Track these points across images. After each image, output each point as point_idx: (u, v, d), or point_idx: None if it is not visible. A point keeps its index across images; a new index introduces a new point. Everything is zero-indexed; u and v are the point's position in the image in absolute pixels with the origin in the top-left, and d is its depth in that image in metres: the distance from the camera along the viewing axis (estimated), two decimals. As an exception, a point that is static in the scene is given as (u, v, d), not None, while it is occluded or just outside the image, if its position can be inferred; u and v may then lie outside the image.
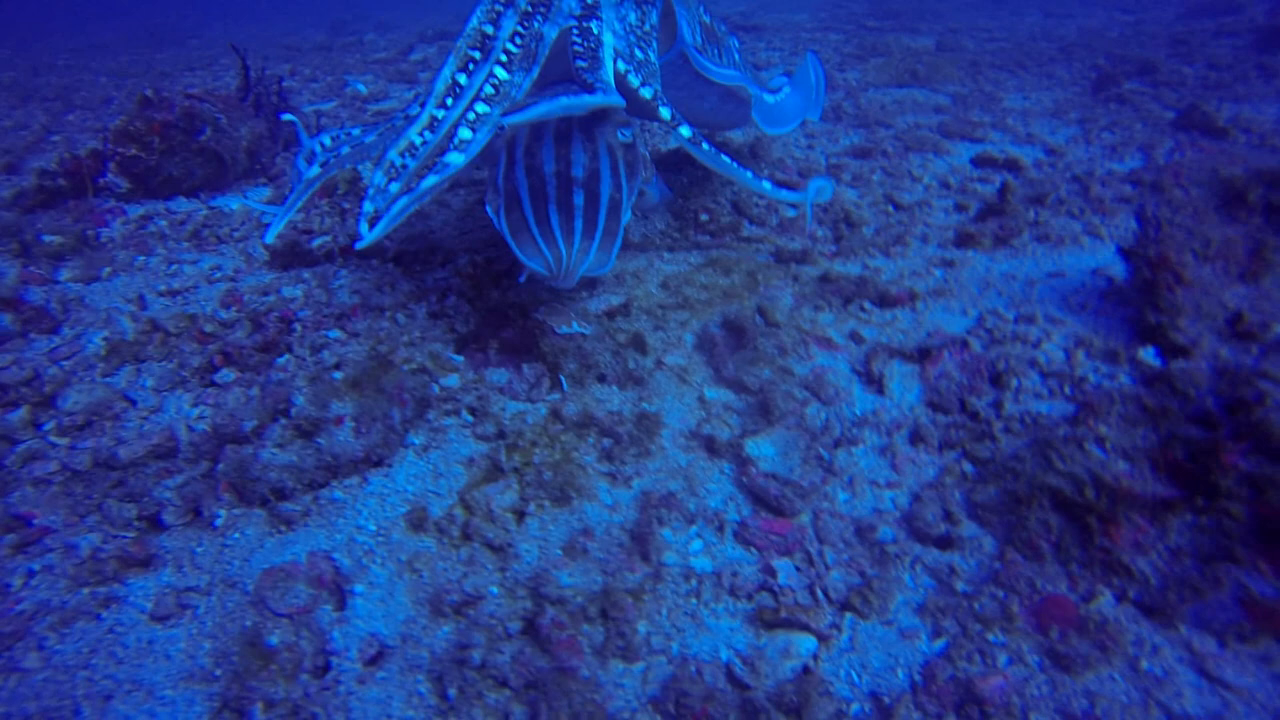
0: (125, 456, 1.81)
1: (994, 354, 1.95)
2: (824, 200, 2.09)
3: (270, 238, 2.10)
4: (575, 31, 2.10)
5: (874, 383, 1.95)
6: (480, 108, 1.99)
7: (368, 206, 2.02)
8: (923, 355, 1.97)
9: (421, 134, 2.04)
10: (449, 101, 2.07)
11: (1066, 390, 1.81)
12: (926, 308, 2.30)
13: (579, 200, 2.03)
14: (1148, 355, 1.81)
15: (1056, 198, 3.29)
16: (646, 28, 2.34)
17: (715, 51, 2.79)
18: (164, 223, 3.34)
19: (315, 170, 2.16)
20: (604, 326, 2.17)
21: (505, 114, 1.79)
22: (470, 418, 1.89)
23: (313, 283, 2.61)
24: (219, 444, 1.85)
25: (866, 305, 2.30)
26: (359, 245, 1.75)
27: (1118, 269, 2.38)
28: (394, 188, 1.99)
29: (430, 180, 1.78)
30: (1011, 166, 3.90)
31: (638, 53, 2.26)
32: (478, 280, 2.03)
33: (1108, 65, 7.08)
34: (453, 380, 1.97)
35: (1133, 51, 7.66)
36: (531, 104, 1.76)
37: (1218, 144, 4.00)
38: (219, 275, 2.76)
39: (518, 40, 2.12)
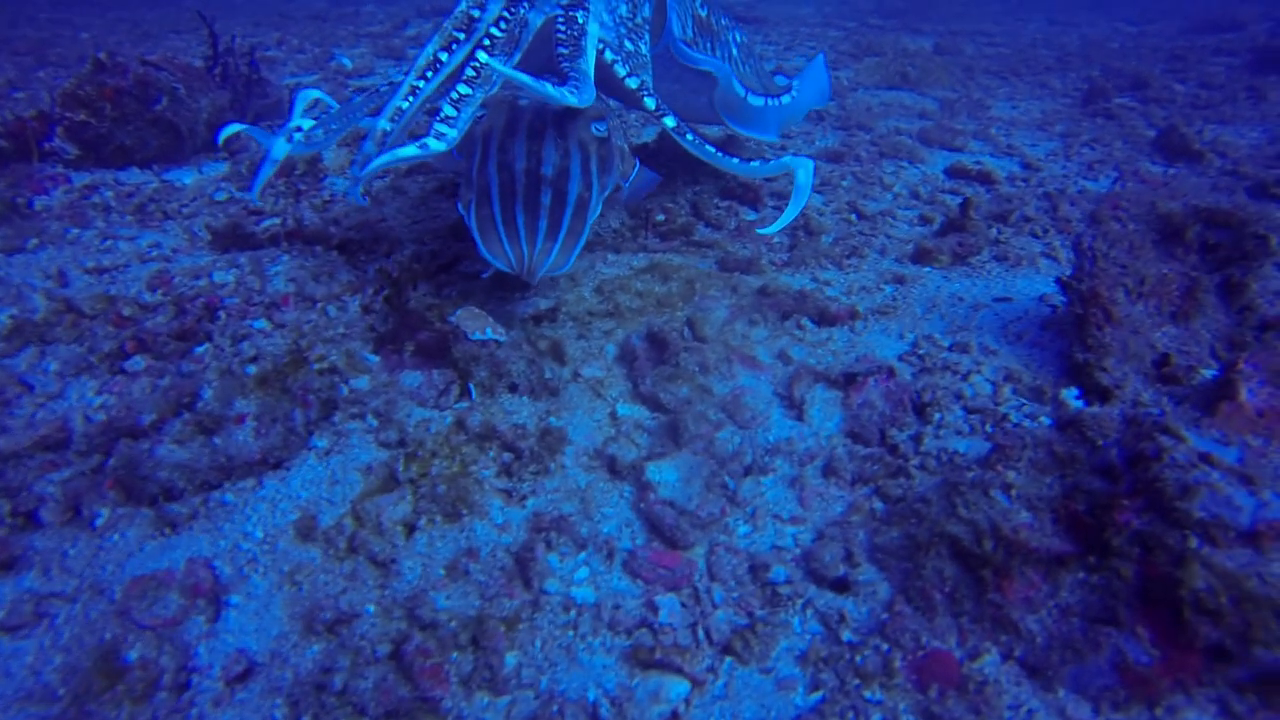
0: (5, 447, 1.73)
1: (921, 384, 1.88)
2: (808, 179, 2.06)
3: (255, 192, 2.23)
4: (560, 20, 2.12)
5: (795, 407, 1.88)
6: (462, 88, 1.99)
7: (354, 171, 2.10)
8: (848, 381, 1.89)
9: (406, 98, 2.08)
10: (429, 75, 2.09)
11: (987, 428, 1.74)
12: (865, 328, 2.23)
13: (546, 199, 2.04)
14: (1069, 396, 1.74)
15: (1021, 215, 3.21)
16: (638, 20, 2.33)
17: (708, 45, 2.71)
18: (110, 194, 3.24)
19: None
20: (525, 332, 2.09)
21: (494, 61, 1.85)
22: (375, 422, 1.81)
23: (247, 268, 2.52)
24: (113, 438, 1.78)
25: (804, 322, 2.23)
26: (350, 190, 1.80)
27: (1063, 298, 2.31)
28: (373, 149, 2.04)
29: (409, 150, 1.81)
30: (984, 179, 3.81)
31: (627, 44, 2.25)
32: (398, 281, 1.95)
33: (1101, 78, 6.98)
34: (363, 382, 1.90)
35: (1129, 65, 7.55)
36: (520, 72, 1.81)
37: (1176, 170, 3.92)
38: (154, 254, 2.67)
39: (502, 25, 2.12)
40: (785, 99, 3.04)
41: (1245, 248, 1.87)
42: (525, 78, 1.81)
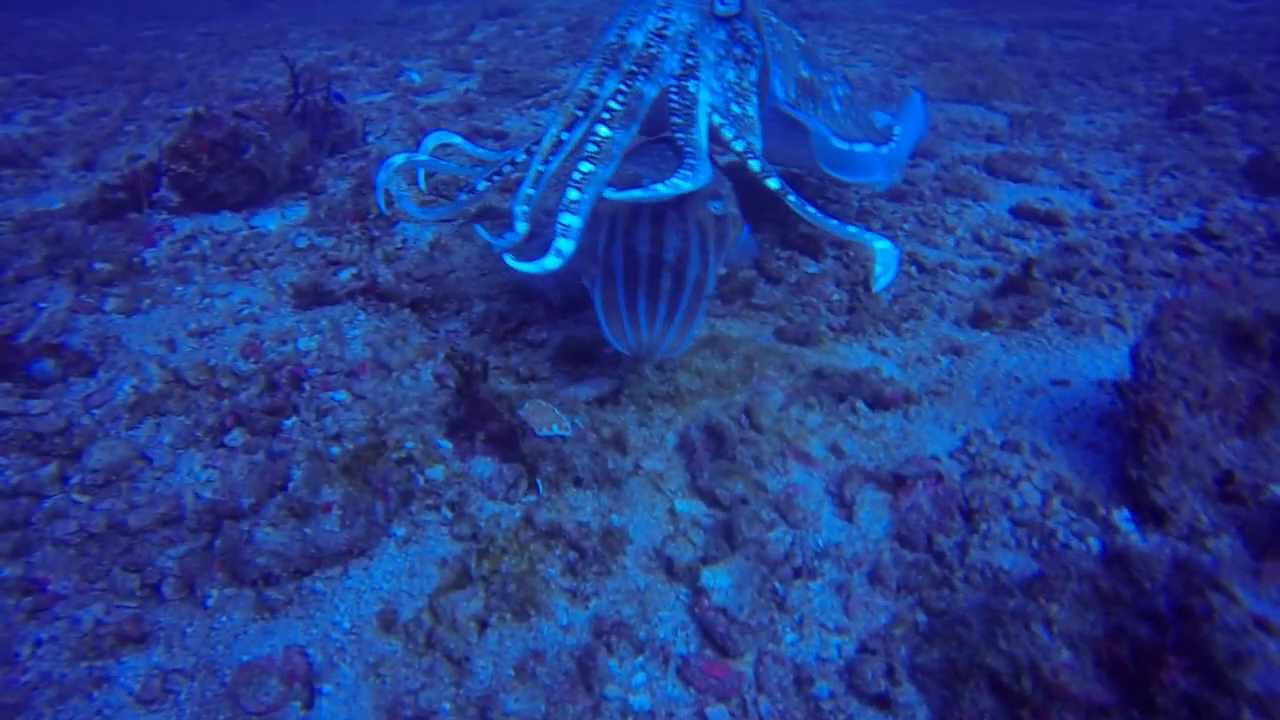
0: (134, 524, 1.94)
1: (970, 489, 1.92)
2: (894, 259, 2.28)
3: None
4: (674, 89, 2.26)
5: (845, 507, 1.94)
6: (585, 166, 2.13)
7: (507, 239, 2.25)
8: (897, 483, 1.94)
9: (533, 185, 2.24)
10: (552, 157, 2.24)
11: (1034, 543, 1.77)
12: (919, 414, 2.26)
13: (666, 284, 2.17)
14: (1121, 519, 1.75)
15: (1088, 271, 3.15)
16: (745, 84, 2.46)
17: (811, 104, 2.82)
18: (206, 243, 3.47)
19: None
20: (589, 418, 2.20)
21: (609, 191, 2.00)
22: (449, 514, 1.96)
23: (328, 334, 2.70)
24: (219, 518, 1.97)
25: (859, 406, 2.28)
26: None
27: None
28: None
29: (565, 245, 1.98)
30: (1052, 221, 3.73)
31: (734, 108, 2.36)
32: (469, 374, 2.08)
33: (1192, 80, 6.62)
34: (437, 472, 2.04)
35: (1227, 60, 7.13)
36: (630, 189, 1.97)
37: (1269, 206, 3.74)
38: (246, 313, 2.88)
39: (619, 98, 2.24)
40: (885, 149, 3.12)
41: (1317, 359, 1.84)
42: (638, 193, 1.97)
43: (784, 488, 1.98)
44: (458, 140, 2.99)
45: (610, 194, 2.00)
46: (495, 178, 2.47)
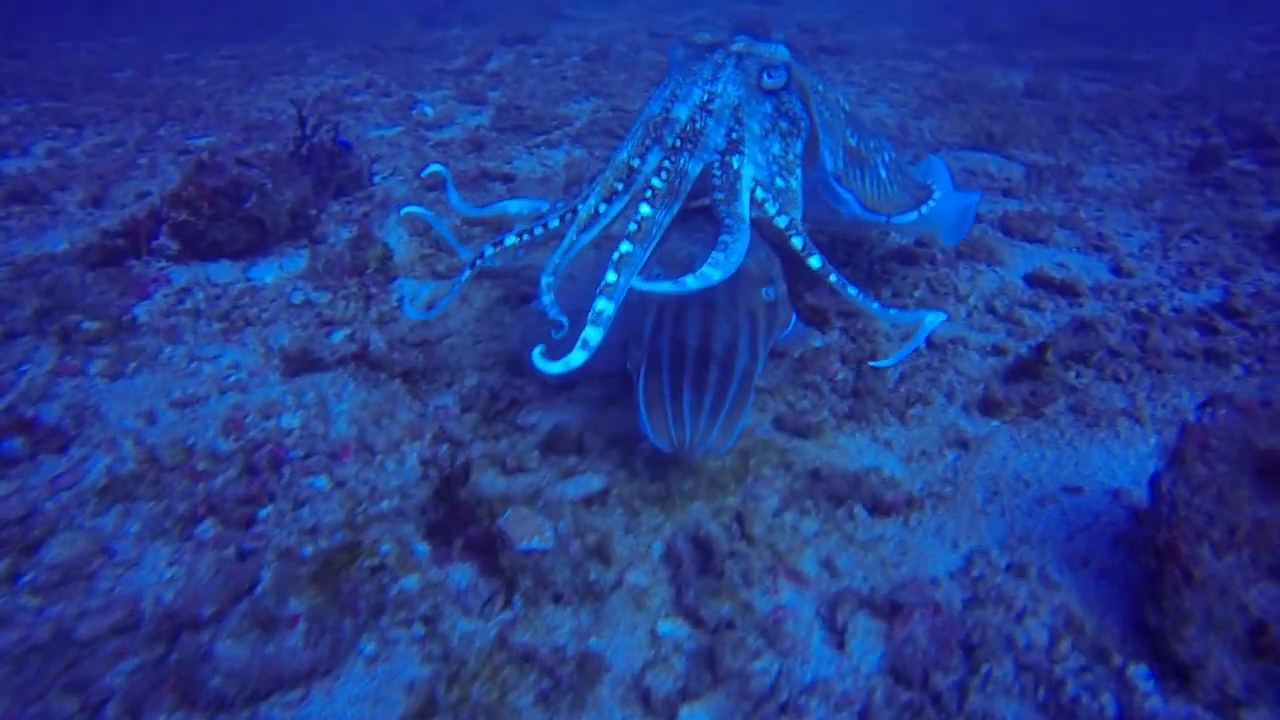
0: (85, 633, 1.85)
1: (971, 620, 1.79)
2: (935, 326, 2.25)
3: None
4: (717, 165, 2.23)
5: (836, 634, 1.81)
6: (625, 247, 2.08)
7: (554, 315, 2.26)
8: (893, 611, 1.82)
9: (565, 254, 2.23)
10: (590, 228, 2.24)
11: (1040, 693, 1.64)
12: (920, 523, 2.13)
13: (713, 377, 2.12)
14: (1139, 676, 1.62)
15: (1106, 352, 3.01)
16: (790, 157, 2.41)
17: (859, 172, 2.77)
18: (201, 296, 3.41)
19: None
20: (574, 521, 2.09)
21: (636, 281, 1.98)
22: (421, 630, 1.85)
23: (313, 409, 2.61)
24: (177, 627, 1.87)
25: (857, 512, 2.15)
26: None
27: (1142, 492, 2.15)
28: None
29: (594, 334, 1.92)
30: (1068, 291, 3.59)
31: (779, 181, 2.31)
32: (449, 477, 1.98)
33: (1215, 130, 6.48)
34: (412, 582, 1.93)
35: (1251, 109, 6.97)
36: (657, 281, 1.96)
37: (1260, 396, 3.58)
38: (232, 380, 2.80)
39: (663, 175, 2.19)
40: (925, 208, 3.04)
41: (1352, 499, 1.70)
42: (666, 285, 1.93)
43: (773, 610, 1.86)
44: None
45: (638, 284, 1.95)
46: (524, 236, 2.42)
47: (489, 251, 2.46)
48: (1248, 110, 6.87)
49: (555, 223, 2.39)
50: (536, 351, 1.86)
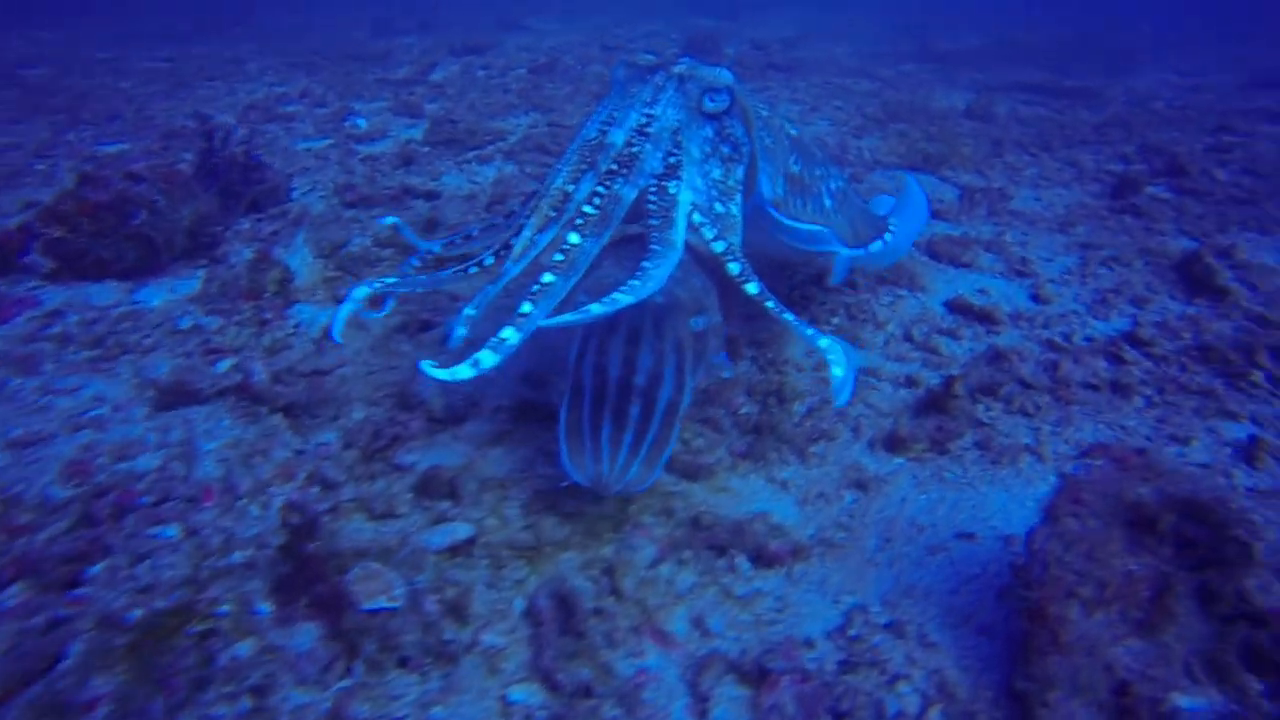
0: None
1: (842, 687, 1.67)
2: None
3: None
4: (653, 190, 2.14)
5: (700, 702, 1.69)
6: (546, 277, 1.96)
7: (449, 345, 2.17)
8: (760, 677, 1.70)
9: (494, 283, 2.12)
10: (523, 259, 2.11)
11: (904, 770, 1.53)
12: (804, 575, 2.02)
13: (635, 412, 2.03)
14: (1000, 749, 1.52)
15: (1017, 384, 2.95)
16: (730, 183, 2.32)
17: (800, 202, 2.67)
18: (74, 320, 3.18)
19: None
20: (435, 575, 1.94)
21: (543, 316, 1.87)
22: (248, 704, 1.67)
23: (177, 448, 2.42)
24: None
25: (738, 563, 2.03)
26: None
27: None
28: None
29: (489, 358, 1.79)
30: (986, 319, 3.54)
31: (717, 206, 2.23)
32: (297, 529, 1.82)
33: (1136, 158, 6.60)
34: (245, 648, 1.75)
35: (1169, 139, 7.13)
36: (565, 313, 1.86)
37: (1196, 310, 3.58)
38: (90, 416, 2.59)
39: (595, 202, 2.10)
40: (876, 246, 2.97)
41: (1225, 553, 1.63)
42: (570, 317, 1.85)
43: (634, 674, 1.73)
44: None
45: (542, 320, 1.85)
46: (459, 275, 2.29)
47: (446, 274, 2.34)
48: (1165, 139, 7.03)
49: (490, 260, 2.25)
50: (428, 363, 1.76)
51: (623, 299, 1.89)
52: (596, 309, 1.86)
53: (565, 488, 2.10)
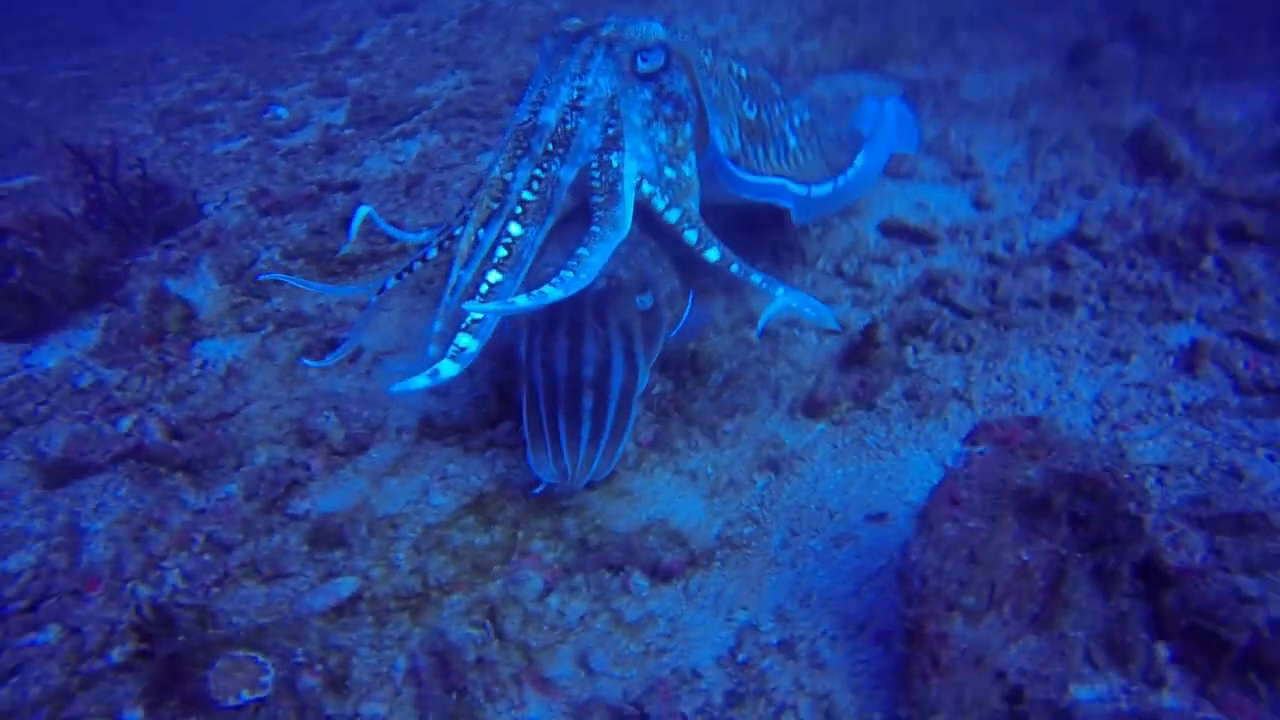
0: None
1: (728, 721, 1.55)
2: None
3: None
4: (595, 166, 2.04)
5: (585, 755, 1.58)
6: (493, 276, 1.94)
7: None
8: (644, 721, 1.58)
9: (451, 292, 2.04)
10: (472, 261, 2.04)
11: (790, 813, 1.41)
12: (701, 588, 1.88)
13: (588, 404, 1.99)
14: (884, 786, 1.39)
15: (946, 322, 2.71)
16: (679, 143, 2.18)
17: (760, 148, 2.47)
18: (-36, 396, 3.04)
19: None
20: (318, 641, 1.82)
21: (468, 304, 1.81)
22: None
23: (58, 536, 2.30)
24: None
25: (633, 582, 1.89)
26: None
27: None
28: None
29: (449, 368, 1.81)
30: (923, 239, 3.27)
31: (668, 171, 2.13)
32: (149, 629, 1.70)
33: (1097, 15, 6.06)
34: (108, 765, 1.67)
35: (1136, -19, 6.52)
36: (500, 301, 1.82)
37: (1146, 194, 3.27)
38: (-34, 509, 2.47)
39: (534, 186, 2.03)
40: (843, 178, 2.74)
41: (1117, 530, 1.45)
42: (494, 306, 1.79)
43: (516, 732, 1.62)
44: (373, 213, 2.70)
45: (470, 307, 1.78)
46: (404, 275, 2.22)
47: (390, 284, 2.28)
48: (1133, -16, 6.44)
49: (433, 253, 2.18)
50: (394, 385, 1.80)
51: (552, 293, 1.78)
52: (523, 302, 1.76)
53: (538, 494, 2.06)
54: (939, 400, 2.37)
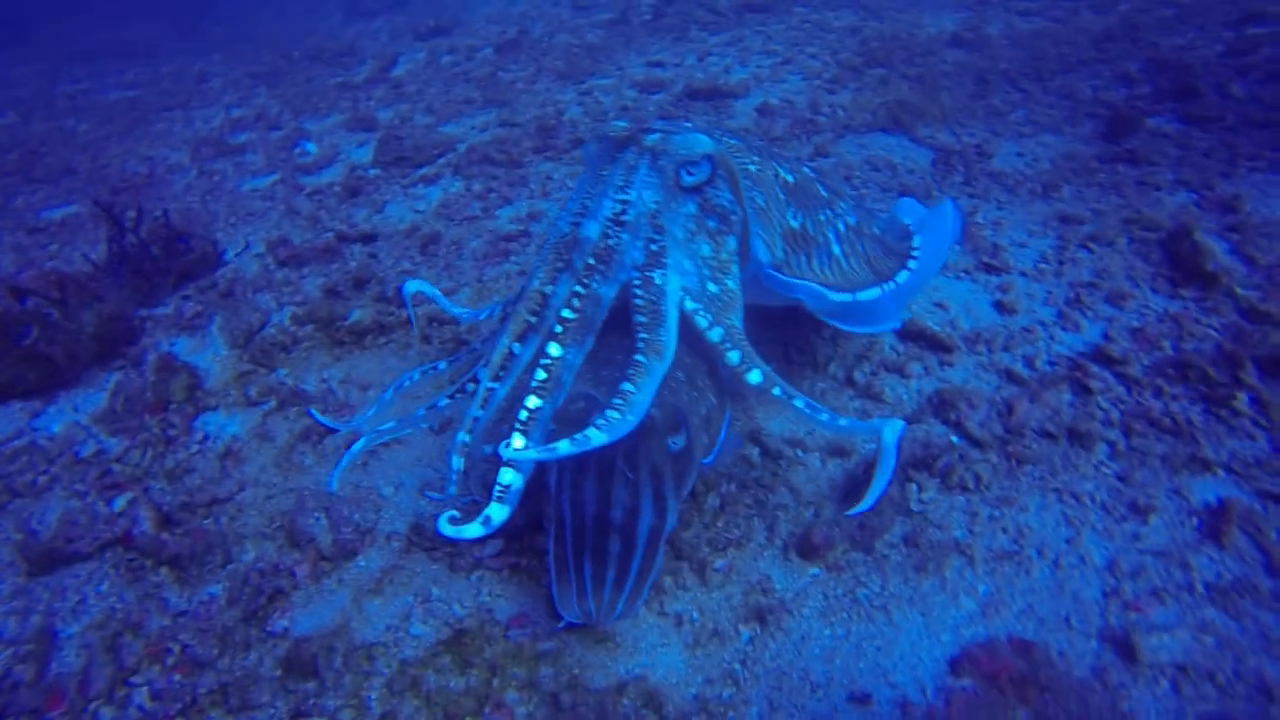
0: None
1: None
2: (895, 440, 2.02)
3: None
4: (637, 283, 1.98)
5: None
6: (532, 401, 1.89)
7: (452, 490, 2.18)
8: None
9: (482, 405, 2.04)
10: (502, 374, 2.03)
11: None
12: (672, 769, 1.78)
13: (615, 548, 1.95)
14: None
15: (954, 456, 2.57)
16: (724, 256, 2.13)
17: (804, 258, 2.39)
18: (-32, 461, 3.05)
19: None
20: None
21: (507, 450, 1.77)
22: None
23: (29, 642, 2.27)
24: None
25: (603, 753, 1.80)
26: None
27: (935, 700, 1.77)
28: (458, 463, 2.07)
29: (499, 512, 1.81)
30: (940, 347, 3.13)
31: (710, 286, 2.07)
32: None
33: (1140, 77, 5.83)
34: None
35: (1181, 46, 6.29)
36: (540, 447, 1.74)
37: (1178, 308, 3.08)
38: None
39: (575, 304, 1.98)
40: (902, 276, 2.57)
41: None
42: (534, 453, 1.70)
43: None
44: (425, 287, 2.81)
45: (509, 453, 1.73)
46: (457, 396, 2.26)
47: (420, 413, 2.34)
48: (1178, 45, 6.20)
49: (484, 373, 2.12)
50: (444, 522, 1.80)
51: (597, 437, 1.71)
52: (566, 448, 1.69)
53: (562, 629, 2.03)
54: (939, 552, 2.24)
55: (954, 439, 2.67)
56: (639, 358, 1.87)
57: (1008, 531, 2.29)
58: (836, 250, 2.52)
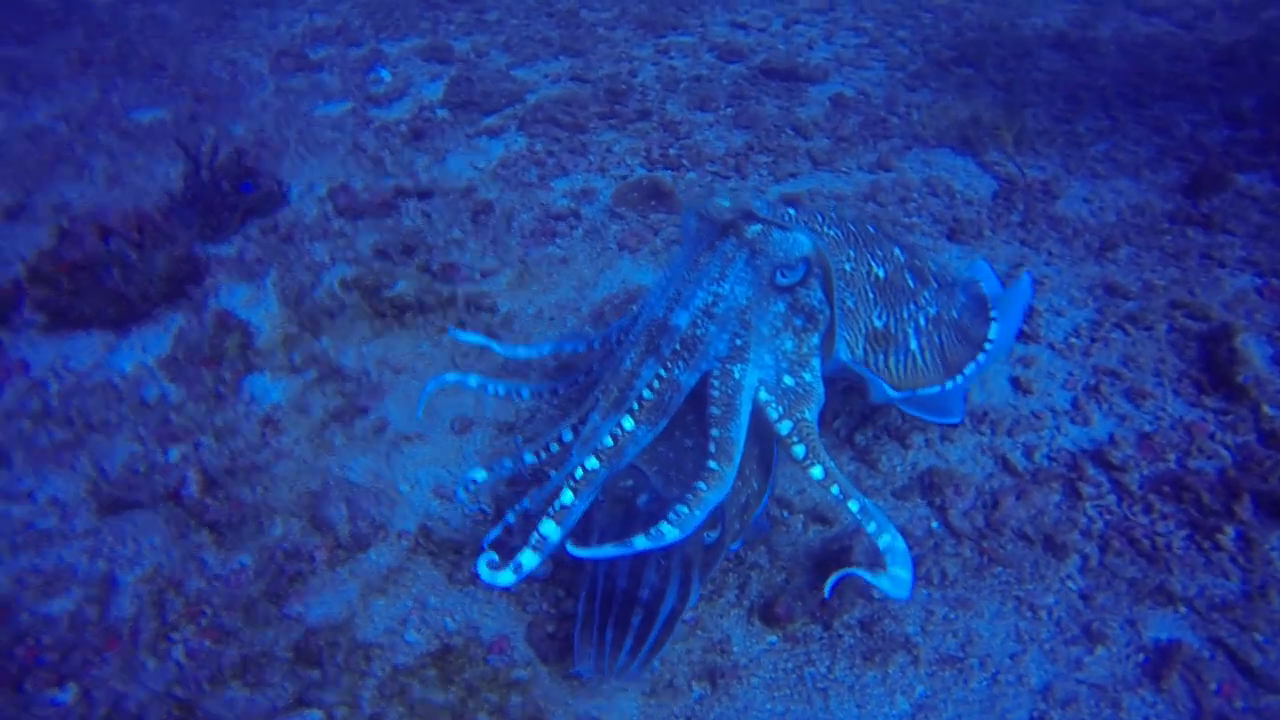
0: None
1: None
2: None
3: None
4: (716, 374, 2.03)
5: None
6: (591, 463, 1.97)
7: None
8: None
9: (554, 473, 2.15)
10: (601, 454, 2.04)
11: None
12: (607, 815, 2.03)
13: (636, 622, 2.10)
14: None
15: (924, 551, 2.67)
16: (805, 350, 2.17)
17: (881, 357, 2.44)
18: (53, 389, 3.37)
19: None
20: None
21: (571, 548, 1.88)
22: None
23: (96, 583, 2.59)
24: None
25: (549, 792, 2.06)
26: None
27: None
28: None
29: (530, 559, 1.90)
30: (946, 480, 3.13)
31: (786, 379, 2.10)
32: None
33: (1251, 118, 5.39)
34: None
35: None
36: (598, 547, 1.85)
37: (1200, 417, 3.02)
38: (36, 530, 2.78)
39: (655, 386, 2.04)
40: (969, 368, 2.56)
41: None
42: (609, 549, 1.83)
43: None
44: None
45: (579, 553, 1.84)
46: (542, 454, 2.31)
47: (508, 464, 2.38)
48: (1291, 82, 5.69)
49: (569, 435, 2.25)
50: (482, 565, 1.89)
51: (670, 533, 1.82)
52: (641, 543, 1.80)
53: (574, 674, 2.21)
54: (888, 645, 2.39)
55: (934, 524, 2.77)
56: (712, 464, 1.94)
57: (957, 636, 2.42)
58: (914, 345, 2.51)
